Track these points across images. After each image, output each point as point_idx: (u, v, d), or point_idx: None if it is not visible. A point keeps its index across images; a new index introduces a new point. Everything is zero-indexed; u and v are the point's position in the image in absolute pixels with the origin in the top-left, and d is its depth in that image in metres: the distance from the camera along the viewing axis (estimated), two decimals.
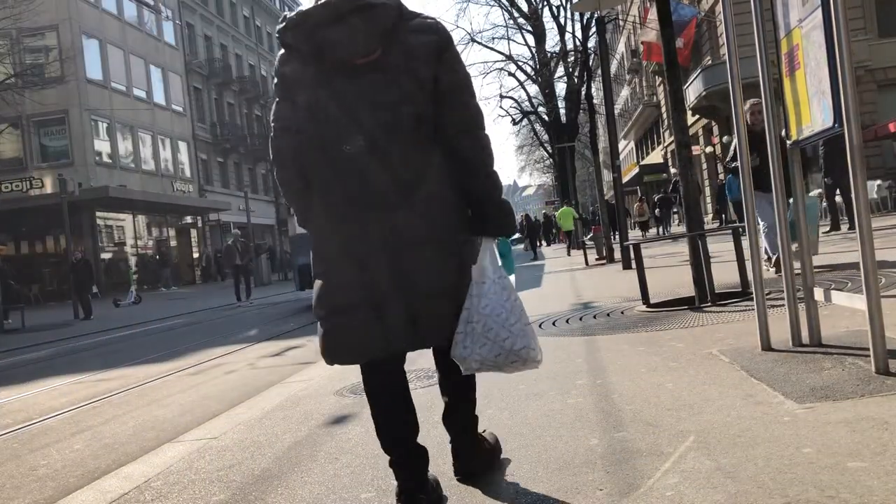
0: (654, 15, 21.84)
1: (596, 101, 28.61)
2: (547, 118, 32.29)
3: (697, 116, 28.89)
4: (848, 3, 3.57)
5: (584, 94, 27.66)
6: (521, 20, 30.10)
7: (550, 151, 35.63)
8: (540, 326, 5.84)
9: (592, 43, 25.77)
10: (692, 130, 28.61)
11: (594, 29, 21.04)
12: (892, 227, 11.73)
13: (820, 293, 3.53)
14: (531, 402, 3.29)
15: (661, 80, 32.47)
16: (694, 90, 26.60)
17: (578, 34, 27.88)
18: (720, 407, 2.78)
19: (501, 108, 52.60)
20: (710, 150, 29.20)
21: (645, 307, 6.03)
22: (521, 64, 31.56)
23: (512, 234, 2.26)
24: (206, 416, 4.60)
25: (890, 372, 2.84)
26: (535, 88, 33.99)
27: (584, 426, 2.79)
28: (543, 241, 33.19)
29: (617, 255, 13.81)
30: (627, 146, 53.54)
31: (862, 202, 2.81)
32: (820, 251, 7.60)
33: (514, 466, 2.46)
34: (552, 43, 30.77)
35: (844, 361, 3.15)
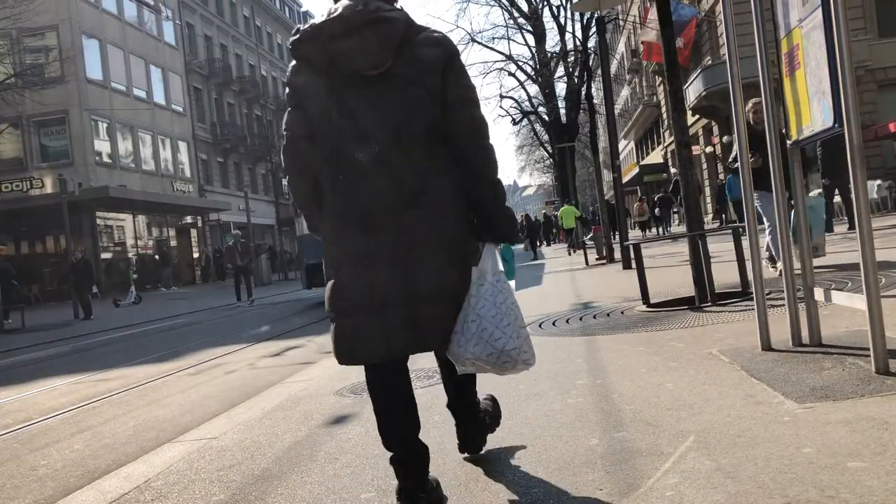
0: (654, 15, 21.86)
1: (596, 101, 28.63)
2: (547, 118, 32.29)
3: (697, 116, 28.90)
4: (848, 3, 3.56)
5: (584, 94, 27.68)
6: (521, 20, 30.10)
7: (550, 151, 35.63)
8: (540, 326, 5.84)
9: (592, 43, 25.81)
10: (692, 130, 28.62)
11: (594, 29, 21.05)
12: (891, 227, 11.74)
13: (820, 293, 3.54)
14: (531, 402, 3.29)
15: (661, 80, 32.48)
16: (694, 90, 26.61)
17: (578, 34, 27.94)
18: (720, 407, 2.78)
19: (501, 108, 52.69)
20: (710, 150, 29.20)
21: (645, 307, 6.04)
22: (521, 64, 31.58)
23: (514, 241, 2.33)
24: (206, 416, 4.61)
25: (890, 372, 2.84)
26: (535, 88, 34.05)
27: (584, 426, 2.80)
28: (543, 241, 33.19)
29: (617, 254, 13.82)
30: (627, 146, 53.55)
31: (862, 202, 2.81)
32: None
33: (514, 466, 2.46)
34: (552, 43, 30.82)
35: (844, 361, 3.15)
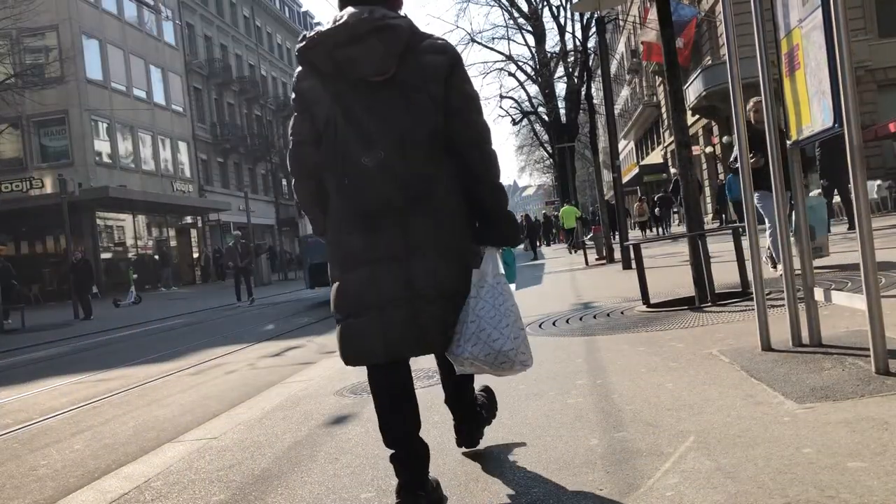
0: (654, 15, 21.85)
1: (596, 101, 28.61)
2: (547, 118, 32.27)
3: (697, 116, 28.90)
4: (848, 3, 3.56)
5: (584, 94, 27.66)
6: (521, 20, 30.08)
7: (550, 151, 35.60)
8: (540, 326, 5.84)
9: (592, 43, 25.79)
10: (692, 130, 28.62)
11: (594, 29, 21.03)
12: (891, 227, 11.74)
13: (820, 293, 3.53)
14: (531, 402, 3.29)
15: (661, 80, 32.48)
16: (694, 90, 26.61)
17: (578, 34, 27.92)
18: (720, 407, 2.78)
19: (501, 108, 52.50)
20: (710, 150, 29.20)
21: (645, 307, 6.04)
22: (521, 64, 31.55)
23: (516, 244, 2.36)
24: (206, 416, 4.61)
25: (890, 372, 2.84)
26: (535, 88, 34.00)
27: (584, 426, 2.80)
28: (543, 241, 33.18)
29: (617, 255, 13.81)
30: (627, 146, 53.55)
31: (862, 202, 2.81)
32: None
33: (514, 466, 2.47)
34: (552, 43, 30.79)
35: (844, 361, 3.15)
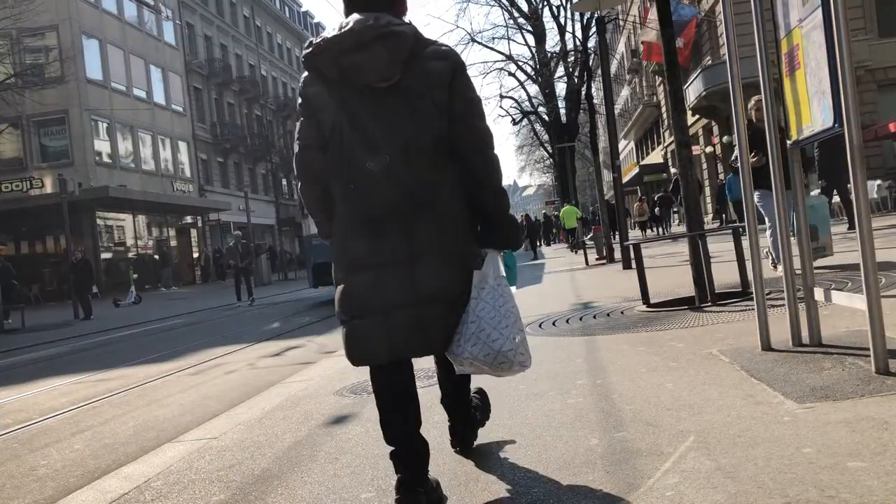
0: (654, 15, 21.85)
1: (596, 101, 28.60)
2: (547, 118, 32.26)
3: (697, 116, 28.90)
4: (848, 3, 3.56)
5: (584, 94, 27.64)
6: (521, 20, 30.04)
7: (550, 151, 35.59)
8: (540, 326, 5.84)
9: (592, 43, 25.76)
10: (692, 130, 28.63)
11: (594, 29, 21.03)
12: (891, 226, 11.74)
13: (820, 293, 3.53)
14: (531, 402, 3.29)
15: (661, 80, 32.48)
16: (694, 90, 26.61)
17: (578, 34, 27.88)
18: (720, 407, 2.78)
19: (501, 108, 52.57)
20: (710, 150, 29.20)
21: (645, 307, 6.03)
22: (521, 64, 31.51)
23: (517, 247, 2.41)
24: (206, 416, 4.61)
25: (890, 372, 2.84)
26: (535, 88, 33.97)
27: (584, 426, 2.80)
28: (543, 240, 33.18)
29: (617, 254, 13.81)
30: (627, 146, 53.55)
31: (862, 202, 2.81)
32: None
33: (514, 466, 2.46)
34: (552, 43, 30.75)
35: (844, 361, 3.15)
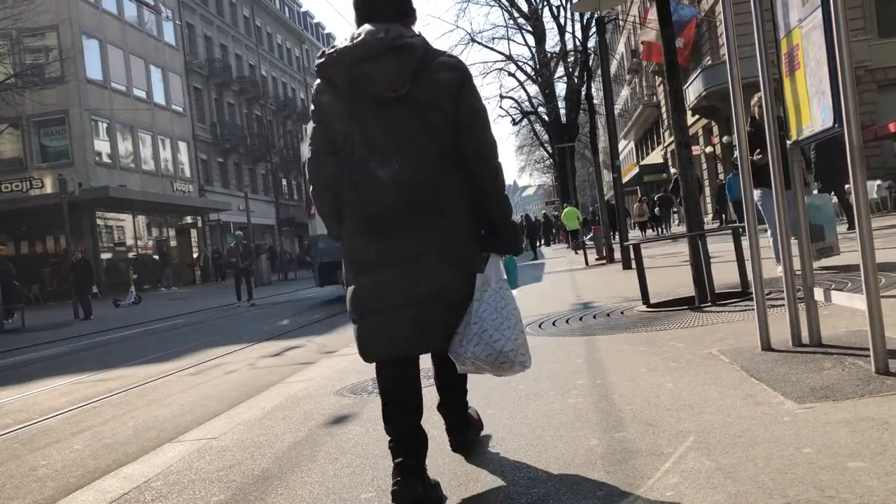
0: (654, 15, 21.85)
1: (596, 101, 28.56)
2: (547, 118, 32.20)
3: (697, 116, 28.90)
4: (848, 3, 3.57)
5: (584, 94, 27.61)
6: (521, 20, 29.97)
7: (550, 151, 35.52)
8: (540, 326, 5.84)
9: (592, 43, 25.71)
10: (692, 130, 28.62)
11: (594, 29, 20.99)
12: (891, 226, 11.74)
13: (820, 293, 3.53)
14: (531, 402, 3.29)
15: (661, 80, 32.47)
16: (694, 90, 26.60)
17: (578, 34, 27.80)
18: (720, 407, 2.78)
19: (501, 108, 52.22)
20: (710, 150, 29.19)
21: (645, 307, 6.03)
22: (521, 64, 31.43)
23: (518, 252, 2.49)
24: (206, 416, 4.61)
25: (890, 372, 2.84)
26: (535, 88, 33.86)
27: (584, 426, 2.80)
28: (543, 241, 33.18)
29: (617, 255, 13.81)
30: (627, 146, 53.54)
31: (862, 202, 2.81)
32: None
33: (514, 466, 2.46)
34: (552, 43, 30.68)
35: (844, 361, 3.15)
